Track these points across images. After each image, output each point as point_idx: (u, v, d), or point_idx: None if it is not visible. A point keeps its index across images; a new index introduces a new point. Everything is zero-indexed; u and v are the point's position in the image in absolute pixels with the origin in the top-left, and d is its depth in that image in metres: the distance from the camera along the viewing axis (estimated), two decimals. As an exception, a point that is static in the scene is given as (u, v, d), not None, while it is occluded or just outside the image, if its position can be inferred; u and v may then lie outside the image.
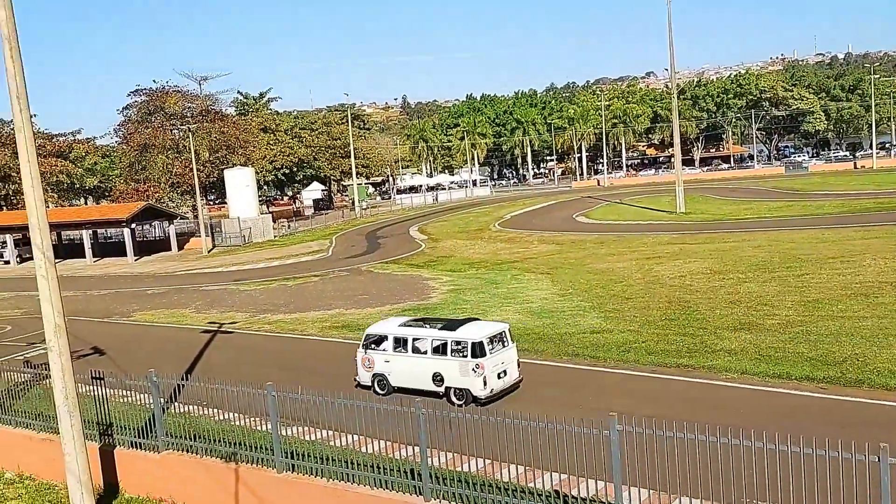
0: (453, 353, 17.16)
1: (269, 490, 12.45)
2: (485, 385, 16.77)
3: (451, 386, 17.19)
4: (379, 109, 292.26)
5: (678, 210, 58.54)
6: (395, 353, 18.04)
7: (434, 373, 17.40)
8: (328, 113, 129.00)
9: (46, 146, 72.28)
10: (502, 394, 17.25)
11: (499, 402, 16.51)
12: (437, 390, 17.42)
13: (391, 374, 18.11)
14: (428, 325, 18.69)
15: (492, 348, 17.12)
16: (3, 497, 14.68)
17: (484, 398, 16.69)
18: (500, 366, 17.25)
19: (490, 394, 16.86)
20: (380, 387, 18.24)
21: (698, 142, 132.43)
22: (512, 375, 17.59)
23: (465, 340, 17.10)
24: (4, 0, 11.98)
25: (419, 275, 38.10)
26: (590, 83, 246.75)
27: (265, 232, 67.85)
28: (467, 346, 17.00)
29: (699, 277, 29.95)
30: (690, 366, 18.48)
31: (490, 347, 17.06)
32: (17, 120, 12.43)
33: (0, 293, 44.32)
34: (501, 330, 17.92)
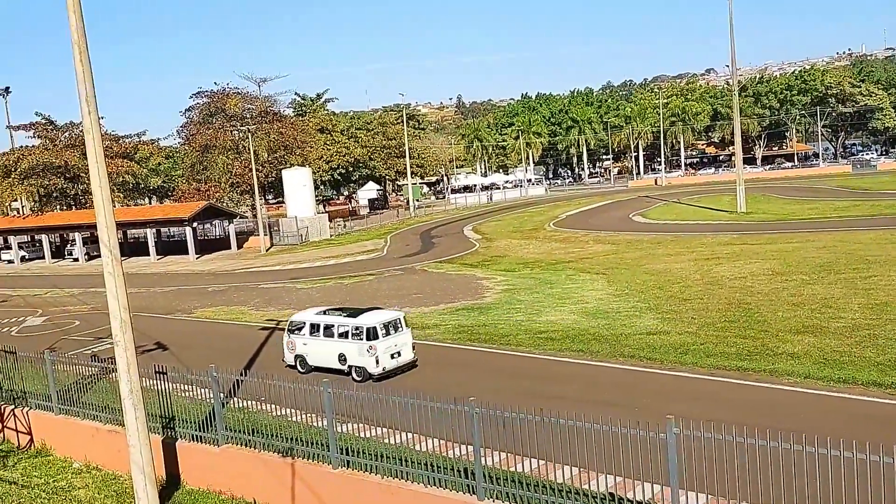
0: (353, 337, 20.08)
1: (325, 485, 12.62)
2: (377, 364, 19.72)
3: (352, 364, 20.09)
4: (434, 109, 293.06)
5: (739, 210, 57.18)
6: (311, 338, 21.08)
7: (339, 353, 20.34)
8: (384, 113, 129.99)
9: (113, 147, 74.51)
10: (396, 371, 20.07)
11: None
12: (342, 368, 20.31)
13: (308, 355, 21.19)
14: (337, 313, 21.46)
15: (385, 333, 20.03)
16: (71, 486, 15.21)
17: (377, 375, 19.59)
18: (393, 348, 20.14)
19: (382, 371, 19.75)
20: (301, 366, 21.28)
21: (760, 140, 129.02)
22: (406, 357, 20.47)
23: (361, 326, 20.00)
24: (74, 6, 12.42)
25: (473, 274, 38.10)
26: (647, 81, 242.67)
27: (321, 231, 68.78)
28: (363, 330, 19.86)
29: (760, 279, 29.20)
30: (751, 369, 18.03)
31: (383, 332, 19.99)
32: (86, 122, 12.85)
33: (69, 289, 46.03)
34: (396, 317, 20.82)
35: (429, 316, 27.73)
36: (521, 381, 18.77)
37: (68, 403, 17.05)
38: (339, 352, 20.42)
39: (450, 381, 18.44)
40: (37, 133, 76.68)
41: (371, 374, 19.77)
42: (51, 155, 71.24)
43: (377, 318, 20.49)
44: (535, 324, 24.78)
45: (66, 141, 74.15)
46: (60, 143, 74.28)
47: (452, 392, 12.55)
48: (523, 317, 26.09)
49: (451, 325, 25.66)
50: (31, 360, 18.19)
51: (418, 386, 14.20)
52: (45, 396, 17.49)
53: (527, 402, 11.82)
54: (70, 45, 12.51)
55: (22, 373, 18.31)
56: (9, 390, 18.53)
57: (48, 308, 38.75)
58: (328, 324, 20.87)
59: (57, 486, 15.12)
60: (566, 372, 19.47)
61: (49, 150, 72.78)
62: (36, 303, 41.28)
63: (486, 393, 15.17)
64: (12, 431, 18.24)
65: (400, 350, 20.41)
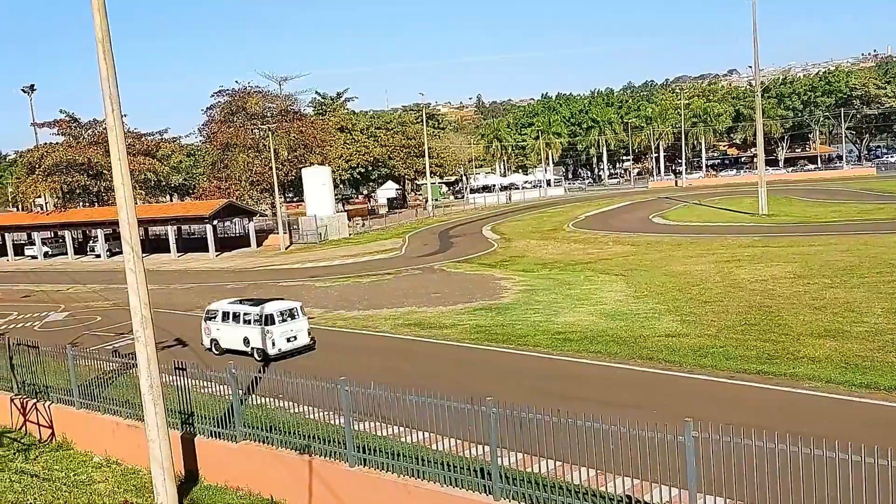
0: (254, 323, 23.23)
1: (342, 483, 12.66)
2: (273, 346, 22.90)
3: (254, 346, 23.28)
4: (453, 109, 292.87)
5: (760, 212, 56.65)
6: (223, 324, 24.33)
7: (244, 337, 23.61)
8: (403, 113, 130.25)
9: (135, 145, 75.18)
10: (292, 353, 23.22)
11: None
12: (247, 350, 23.45)
13: (220, 339, 24.46)
14: (245, 303, 24.72)
15: (282, 320, 23.23)
16: (91, 480, 15.38)
17: (273, 356, 22.75)
18: (289, 332, 23.31)
19: (278, 352, 22.91)
20: (215, 348, 24.52)
21: (783, 141, 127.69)
22: (302, 340, 23.67)
23: (261, 313, 23.14)
24: (99, 6, 12.56)
25: (491, 274, 38.06)
26: (669, 81, 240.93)
27: (340, 230, 69.02)
28: (262, 317, 22.99)
29: (782, 282, 28.91)
30: (771, 373, 17.86)
31: (280, 319, 23.19)
32: (109, 119, 12.99)
33: (91, 285, 46.54)
34: (293, 307, 24.09)
35: (446, 315, 27.74)
36: (538, 381, 18.72)
37: (89, 398, 17.24)
38: (244, 336, 23.64)
39: (464, 381, 18.43)
40: (61, 130, 77.64)
41: (269, 354, 22.86)
42: (74, 152, 72.09)
43: (276, 307, 23.72)
44: (552, 324, 24.71)
45: (89, 138, 74.99)
46: (84, 140, 75.13)
47: (470, 391, 12.54)
48: (541, 317, 26.02)
49: (469, 325, 25.65)
50: (53, 354, 18.41)
51: (456, 389, 14.20)
52: (67, 391, 17.69)
53: (544, 402, 11.78)
54: (94, 44, 12.64)
55: (44, 367, 18.55)
56: (31, 384, 18.78)
57: (70, 303, 39.21)
58: (236, 312, 24.06)
59: (77, 479, 15.29)
60: (584, 373, 19.40)
61: (73, 147, 73.65)
62: (58, 298, 41.79)
63: (503, 393, 15.13)
64: (34, 425, 18.48)
65: (296, 335, 23.55)
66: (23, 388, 19.03)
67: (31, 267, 64.49)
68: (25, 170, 79.80)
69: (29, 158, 78.40)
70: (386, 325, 27.20)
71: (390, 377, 16.84)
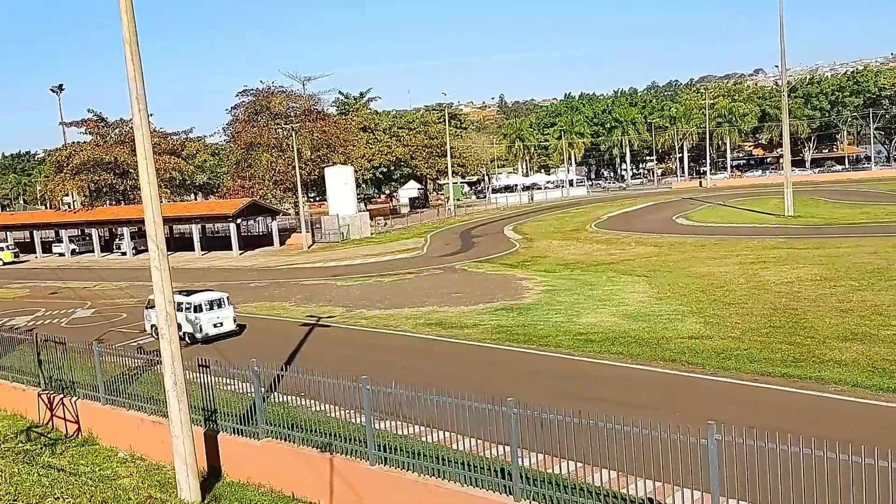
0: (185, 310, 26.11)
1: (362, 481, 12.71)
2: (200, 331, 26.22)
3: (185, 331, 25.81)
4: (476, 109, 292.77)
5: (786, 213, 55.99)
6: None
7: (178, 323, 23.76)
8: (426, 112, 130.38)
9: (161, 144, 75.95)
10: (219, 337, 26.32)
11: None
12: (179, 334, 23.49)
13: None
14: (178, 294, 25.79)
15: (209, 308, 26.64)
16: (116, 475, 15.58)
17: (200, 339, 26.09)
18: (216, 319, 26.58)
19: (205, 336, 26.21)
20: (154, 332, 26.67)
21: (810, 142, 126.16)
22: (228, 326, 26.81)
23: (190, 302, 26.52)
24: (126, 6, 12.72)
25: (513, 274, 37.99)
26: (693, 81, 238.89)
27: (362, 229, 69.29)
28: (191, 306, 26.41)
29: (807, 284, 28.55)
30: (796, 376, 17.65)
31: (207, 307, 26.59)
32: (136, 119, 13.15)
33: (117, 282, 47.15)
34: (220, 297, 27.40)
35: (467, 315, 27.74)
36: (559, 382, 18.66)
37: (114, 394, 17.46)
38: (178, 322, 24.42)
39: (485, 381, 18.42)
40: (88, 129, 78.71)
41: (197, 338, 26.29)
42: (101, 151, 73.05)
43: (203, 297, 27.23)
44: (574, 325, 24.61)
45: (116, 137, 75.95)
46: (111, 139, 76.10)
47: (490, 391, 12.53)
48: (563, 318, 25.93)
49: (490, 325, 25.63)
50: (79, 350, 18.66)
51: (476, 389, 14.21)
52: (93, 387, 17.93)
53: (564, 403, 11.74)
54: (122, 45, 12.80)
55: (71, 363, 18.82)
56: (58, 380, 19.07)
57: (97, 300, 39.74)
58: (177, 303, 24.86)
59: (103, 474, 15.49)
60: (605, 374, 19.30)
61: (100, 146, 74.64)
62: (85, 295, 42.38)
63: (524, 394, 15.09)
64: (61, 420, 18.76)
65: (222, 321, 26.85)
66: (50, 384, 19.33)
67: (59, 264, 65.45)
68: (54, 168, 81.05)
69: (57, 157, 79.61)
70: (407, 324, 27.26)
71: (411, 376, 16.88)
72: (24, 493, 10.90)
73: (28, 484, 11.64)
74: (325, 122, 75.45)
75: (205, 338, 26.15)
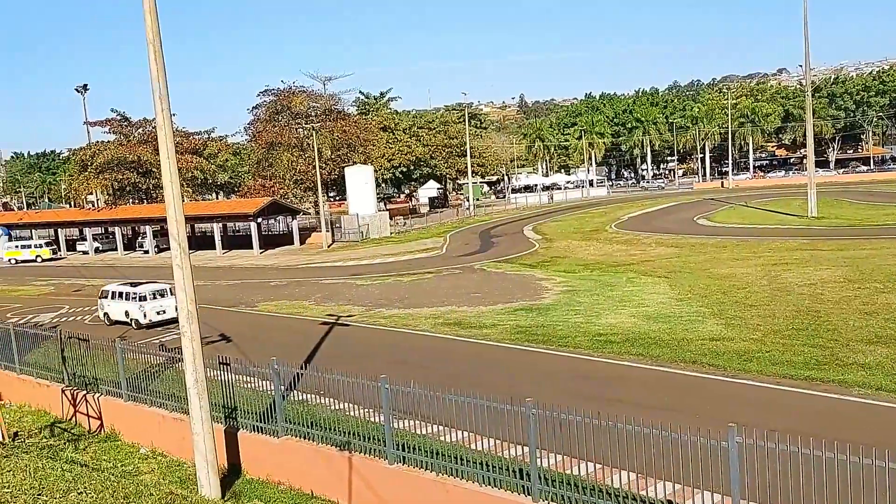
0: (132, 299, 30.71)
1: (381, 480, 12.75)
2: (145, 317, 30.27)
3: (132, 318, 30.59)
4: (496, 108, 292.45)
5: (809, 214, 55.37)
6: (112, 301, 31.81)
7: (125, 311, 31.08)
8: (446, 112, 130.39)
9: (183, 143, 76.71)
10: (162, 323, 30.20)
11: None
12: (127, 320, 30.82)
13: (110, 313, 31.86)
14: (126, 285, 32.00)
15: (153, 297, 30.66)
16: (138, 471, 15.75)
17: (145, 324, 30.15)
18: (158, 307, 30.52)
19: (149, 322, 30.21)
20: (107, 320, 31.87)
21: (834, 142, 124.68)
22: (170, 314, 29.47)
23: (136, 292, 30.80)
24: (150, 7, 12.84)
25: (532, 274, 37.90)
26: (716, 81, 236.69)
27: (382, 229, 69.48)
28: (137, 296, 30.63)
29: (831, 286, 28.21)
30: (819, 379, 17.44)
31: (151, 297, 30.65)
32: (159, 119, 13.28)
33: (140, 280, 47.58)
34: (163, 288, 31.04)
35: (486, 315, 27.71)
36: (577, 383, 18.59)
37: (137, 391, 17.65)
38: (125, 310, 31.03)
39: (503, 381, 18.39)
40: (112, 129, 79.66)
41: (141, 324, 30.27)
42: (125, 150, 73.92)
43: (148, 288, 31.31)
44: (594, 326, 24.50)
45: (139, 137, 76.82)
46: (134, 138, 76.98)
47: (509, 391, 12.51)
48: (582, 319, 25.83)
49: (509, 326, 25.59)
50: (102, 347, 18.89)
51: (495, 389, 14.20)
52: (115, 383, 18.13)
53: (583, 404, 11.70)
54: (146, 45, 12.93)
55: (94, 360, 19.05)
56: (81, 376, 19.31)
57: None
58: (121, 292, 31.50)
59: (125, 470, 15.66)
60: (625, 375, 19.18)
61: (123, 145, 75.54)
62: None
63: (542, 394, 15.06)
64: (84, 416, 19.00)
65: (165, 309, 30.39)
66: (73, 380, 19.59)
67: (83, 262, 66.25)
68: (78, 167, 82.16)
69: (81, 156, 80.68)
70: (426, 324, 27.28)
71: (429, 376, 16.91)
72: (48, 488, 11.05)
73: (52, 479, 11.80)
74: (346, 121, 75.78)
75: (149, 323, 30.31)
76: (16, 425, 19.42)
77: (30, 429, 19.28)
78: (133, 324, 30.50)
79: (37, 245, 70.03)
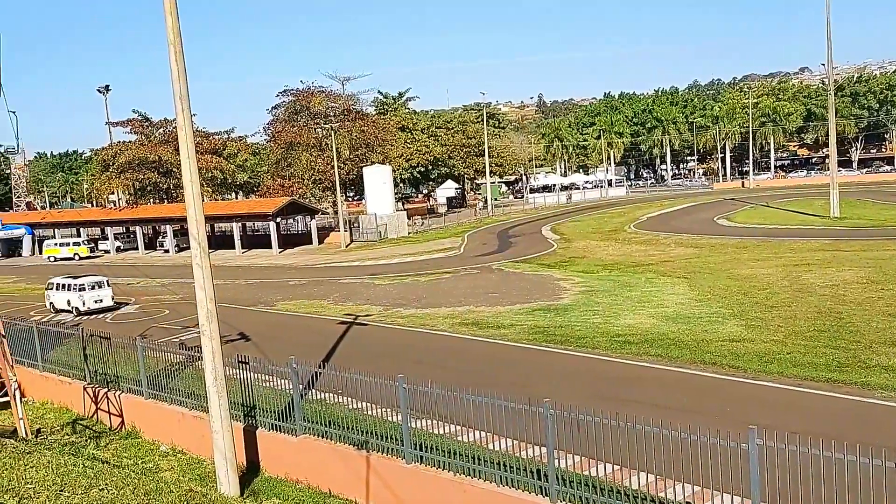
0: (72, 290, 35.17)
1: (398, 479, 12.77)
2: (84, 305, 34.50)
3: (73, 306, 34.76)
4: (514, 108, 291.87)
5: (832, 214, 54.73)
6: (57, 291, 36.06)
7: (67, 300, 35.26)
8: (464, 112, 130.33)
9: (203, 143, 77.28)
10: (99, 311, 34.74)
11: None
12: (69, 309, 34.88)
13: (55, 302, 35.97)
14: (68, 278, 36.38)
15: (91, 288, 35.18)
16: (158, 468, 15.89)
17: (84, 312, 34.23)
18: (96, 296, 35.08)
19: (88, 309, 34.48)
20: (53, 308, 35.78)
21: (857, 142, 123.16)
22: (107, 303, 35.29)
23: (76, 283, 35.27)
24: (170, 8, 12.95)
25: (550, 275, 37.78)
26: (737, 80, 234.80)
27: (400, 228, 69.57)
28: (77, 286, 35.06)
29: (854, 287, 27.87)
30: (841, 381, 17.24)
31: (90, 287, 35.16)
32: (179, 119, 13.38)
33: (160, 279, 48.05)
34: (100, 280, 36.07)
35: (504, 315, 27.67)
36: (595, 383, 18.51)
37: (157, 388, 17.80)
38: (68, 299, 35.27)
39: (521, 381, 18.35)
40: (133, 129, 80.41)
41: (80, 311, 34.40)
42: (146, 150, 74.58)
43: (87, 280, 35.83)
44: (612, 327, 24.39)
45: (160, 137, 77.48)
46: (155, 138, 77.64)
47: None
48: (600, 319, 25.72)
49: (527, 326, 25.53)
50: (123, 346, 19.07)
51: (512, 389, 14.19)
52: (136, 381, 18.30)
53: (602, 405, 11.65)
54: (166, 46, 13.04)
55: (115, 358, 19.24)
56: (103, 374, 19.52)
57: (140, 297, 40.54)
58: (64, 283, 35.79)
59: (145, 467, 15.81)
60: (643, 376, 19.07)
61: (144, 145, 76.21)
62: (129, 291, 43.21)
63: (560, 395, 15.01)
64: (105, 413, 19.20)
65: (102, 298, 35.24)
66: (95, 378, 19.80)
67: (104, 261, 66.90)
68: (100, 167, 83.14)
69: (103, 156, 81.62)
70: (443, 323, 27.29)
71: (447, 375, 16.91)
72: (70, 484, 11.18)
73: (74, 475, 11.93)
74: (364, 121, 75.95)
75: (87, 311, 34.57)
76: (38, 422, 19.67)
77: (52, 425, 19.52)
78: (74, 311, 34.70)
79: (75, 243, 71.34)
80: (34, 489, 10.55)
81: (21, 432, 17.91)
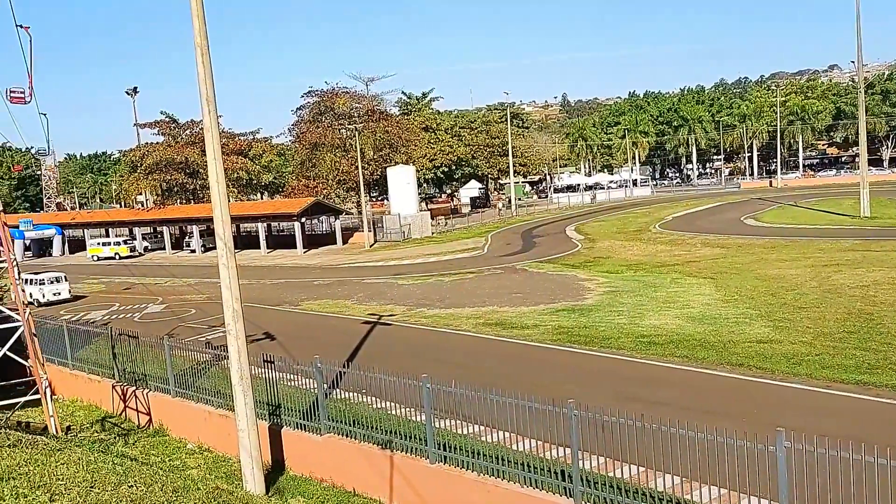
0: (34, 284, 40.13)
1: (422, 479, 12.78)
2: (44, 297, 39.96)
3: (35, 298, 38.99)
4: (538, 108, 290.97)
5: (862, 214, 53.85)
6: (27, 285, 37.80)
7: (30, 293, 37.96)
8: (488, 112, 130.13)
9: (229, 144, 77.99)
10: (57, 302, 40.03)
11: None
12: (32, 301, 37.06)
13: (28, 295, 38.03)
14: (33, 273, 41.45)
15: (50, 283, 40.78)
16: (185, 465, 16.07)
17: (44, 303, 39.54)
18: (55, 290, 40.70)
19: (48, 301, 39.84)
20: None
21: (888, 140, 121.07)
22: (64, 296, 40.87)
23: (37, 278, 40.53)
24: (198, 11, 13.09)
25: (574, 275, 37.61)
26: (764, 78, 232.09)
27: (423, 229, 69.68)
28: (38, 281, 40.41)
29: (884, 288, 27.41)
30: (871, 383, 16.96)
31: (49, 282, 40.74)
32: (206, 120, 13.51)
33: (187, 279, 48.60)
34: (59, 276, 41.67)
35: (528, 316, 27.59)
36: (620, 384, 18.39)
37: (184, 387, 18.00)
38: (30, 292, 38.62)
39: (545, 381, 18.28)
40: (161, 131, 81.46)
41: (41, 302, 39.43)
42: (173, 151, 75.52)
43: (47, 275, 41.30)
44: (637, 327, 24.22)
45: (187, 138, 78.38)
46: (182, 140, 78.56)
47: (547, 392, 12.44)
48: (625, 320, 25.55)
49: (551, 326, 25.44)
50: (151, 345, 19.32)
51: (536, 390, 14.15)
52: (163, 380, 18.53)
53: (626, 406, 11.58)
54: (193, 48, 13.18)
55: (143, 356, 19.50)
56: (131, 372, 19.79)
57: (167, 296, 41.05)
58: (29, 279, 39.66)
59: (172, 464, 16.00)
60: (669, 378, 18.92)
61: (171, 146, 77.17)
62: (156, 291, 43.82)
63: (585, 396, 14.93)
64: (133, 411, 19.46)
65: (60, 291, 40.84)
66: (123, 376, 20.08)
67: (132, 261, 67.82)
68: (128, 168, 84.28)
69: (131, 157, 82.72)
70: (467, 324, 27.28)
71: (470, 376, 16.89)
72: (100, 481, 11.33)
73: (104, 472, 12.10)
74: (388, 122, 76.19)
75: (48, 302, 39.79)
76: (68, 419, 19.99)
77: (82, 423, 19.82)
78: (35, 303, 38.54)
79: (115, 243, 72.83)
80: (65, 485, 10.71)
81: (52, 429, 18.21)
